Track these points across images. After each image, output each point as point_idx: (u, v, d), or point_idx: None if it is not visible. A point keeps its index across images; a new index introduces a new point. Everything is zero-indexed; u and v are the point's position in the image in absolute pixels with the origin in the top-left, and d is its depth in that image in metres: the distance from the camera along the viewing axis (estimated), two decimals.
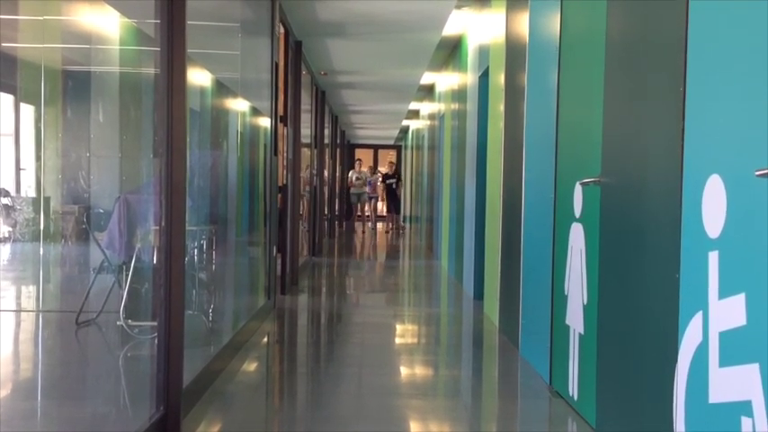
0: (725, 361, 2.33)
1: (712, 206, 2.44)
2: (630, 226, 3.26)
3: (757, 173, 2.09)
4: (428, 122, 15.33)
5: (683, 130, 2.70)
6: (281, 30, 7.98)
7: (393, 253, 14.49)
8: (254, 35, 7.02)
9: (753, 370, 2.15)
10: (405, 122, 20.41)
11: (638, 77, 3.24)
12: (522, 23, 5.57)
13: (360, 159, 21.78)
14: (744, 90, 2.30)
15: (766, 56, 2.15)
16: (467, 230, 8.53)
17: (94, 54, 8.14)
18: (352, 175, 20.58)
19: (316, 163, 12.82)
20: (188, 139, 3.99)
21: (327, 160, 16.28)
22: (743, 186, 2.26)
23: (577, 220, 4.03)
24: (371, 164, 25.89)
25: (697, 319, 2.51)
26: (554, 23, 4.59)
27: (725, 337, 2.34)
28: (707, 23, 2.58)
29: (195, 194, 5.55)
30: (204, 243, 6.19)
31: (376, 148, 27.84)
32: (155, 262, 4.02)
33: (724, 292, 2.35)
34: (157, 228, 3.74)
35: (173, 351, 3.65)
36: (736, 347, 2.27)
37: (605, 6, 3.64)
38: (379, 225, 22.10)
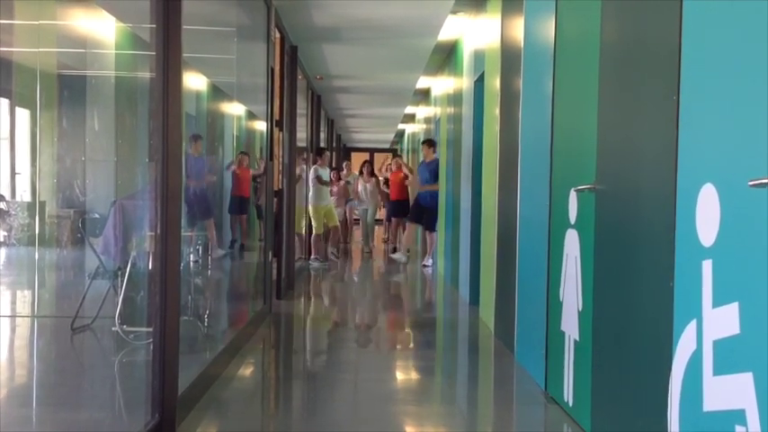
0: (719, 369, 2.34)
1: (706, 215, 2.45)
2: (625, 233, 3.27)
3: (751, 183, 2.09)
4: (424, 126, 15.34)
5: (676, 138, 2.71)
6: (277, 35, 7.99)
7: (389, 257, 14.47)
8: (250, 40, 7.02)
9: (746, 379, 2.16)
10: (401, 126, 20.42)
11: (633, 84, 3.25)
12: (518, 29, 5.58)
13: (367, 161, 15.60)
14: (737, 99, 2.32)
15: (761, 65, 2.16)
16: (462, 235, 8.53)
17: (90, 58, 8.13)
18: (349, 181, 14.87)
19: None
20: (184, 145, 3.99)
21: None
22: (736, 196, 2.27)
23: (572, 227, 4.04)
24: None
25: (691, 327, 2.52)
26: (549, 29, 4.60)
27: (719, 345, 2.34)
28: (701, 32, 2.59)
29: (191, 199, 5.55)
30: (200, 248, 6.19)
31: (372, 151, 27.85)
32: (150, 267, 4.02)
33: (718, 301, 2.36)
34: (153, 233, 3.73)
35: (168, 357, 3.64)
36: (729, 356, 2.28)
37: (599, 13, 3.65)
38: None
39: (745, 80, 2.25)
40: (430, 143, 11.72)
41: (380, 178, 15.67)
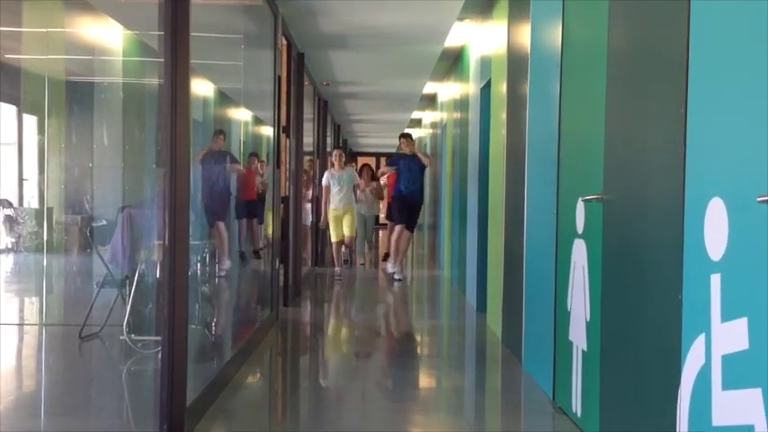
0: (728, 384, 2.33)
1: (714, 229, 2.45)
2: (633, 244, 3.26)
3: (759, 199, 2.09)
4: (430, 131, 15.34)
5: (684, 150, 2.70)
6: (284, 42, 8.00)
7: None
8: (257, 47, 7.05)
9: (755, 394, 2.15)
10: (407, 131, 20.43)
11: (640, 93, 3.24)
12: (524, 36, 5.58)
13: (367, 164, 13.74)
14: (746, 112, 2.31)
15: None
16: (469, 241, 8.53)
17: (98, 65, 8.15)
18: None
19: (318, 171, 12.82)
20: (191, 153, 4.00)
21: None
22: (744, 211, 2.26)
23: (580, 237, 4.03)
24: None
25: (700, 341, 2.52)
26: (556, 35, 4.60)
27: (727, 360, 2.34)
28: (709, 41, 2.58)
29: (198, 208, 5.56)
30: (207, 256, 6.20)
31: (378, 156, 27.85)
32: (158, 276, 4.03)
33: (726, 316, 2.35)
34: (161, 242, 3.74)
35: (176, 368, 3.64)
36: (738, 371, 2.27)
37: (607, 20, 3.65)
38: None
39: (755, 92, 2.25)
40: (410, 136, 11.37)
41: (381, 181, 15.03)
